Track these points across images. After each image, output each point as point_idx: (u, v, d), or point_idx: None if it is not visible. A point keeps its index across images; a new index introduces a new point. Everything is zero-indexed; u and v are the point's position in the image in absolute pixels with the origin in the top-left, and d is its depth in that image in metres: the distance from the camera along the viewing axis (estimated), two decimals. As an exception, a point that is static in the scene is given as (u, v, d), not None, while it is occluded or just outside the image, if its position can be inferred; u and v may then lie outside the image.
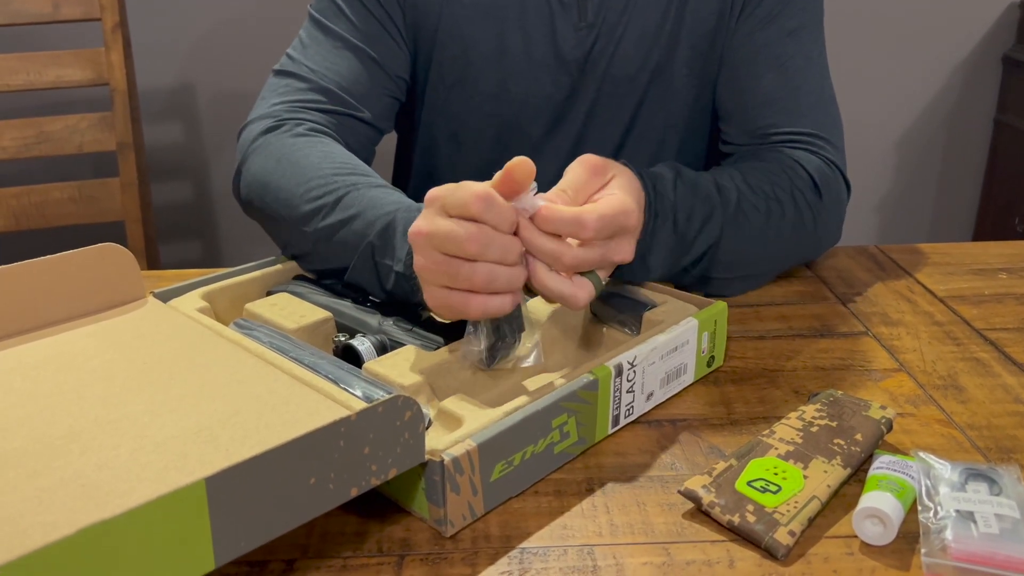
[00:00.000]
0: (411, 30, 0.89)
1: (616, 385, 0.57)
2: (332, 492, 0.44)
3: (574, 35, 0.87)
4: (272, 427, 0.48)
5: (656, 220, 0.69)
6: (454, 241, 0.53)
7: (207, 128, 2.02)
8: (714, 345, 0.66)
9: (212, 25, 1.94)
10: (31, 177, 1.48)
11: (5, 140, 1.35)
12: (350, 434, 0.44)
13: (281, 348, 0.59)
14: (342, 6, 0.87)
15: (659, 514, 0.51)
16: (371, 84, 0.86)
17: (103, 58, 1.37)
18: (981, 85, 2.12)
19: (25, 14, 1.35)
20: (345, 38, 0.86)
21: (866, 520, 0.49)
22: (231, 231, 2.12)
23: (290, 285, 0.71)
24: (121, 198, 1.39)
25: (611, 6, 0.86)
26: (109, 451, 0.47)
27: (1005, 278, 0.85)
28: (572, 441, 0.56)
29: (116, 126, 1.38)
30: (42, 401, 0.53)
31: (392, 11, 0.87)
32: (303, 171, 0.74)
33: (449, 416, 0.53)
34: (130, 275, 0.67)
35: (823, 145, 0.84)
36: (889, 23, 2.05)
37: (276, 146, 0.78)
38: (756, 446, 0.55)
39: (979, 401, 0.63)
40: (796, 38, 0.87)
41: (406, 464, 0.47)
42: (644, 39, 0.87)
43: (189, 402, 0.52)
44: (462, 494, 0.49)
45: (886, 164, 2.18)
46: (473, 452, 0.49)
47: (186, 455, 0.46)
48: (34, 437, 0.49)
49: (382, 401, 0.45)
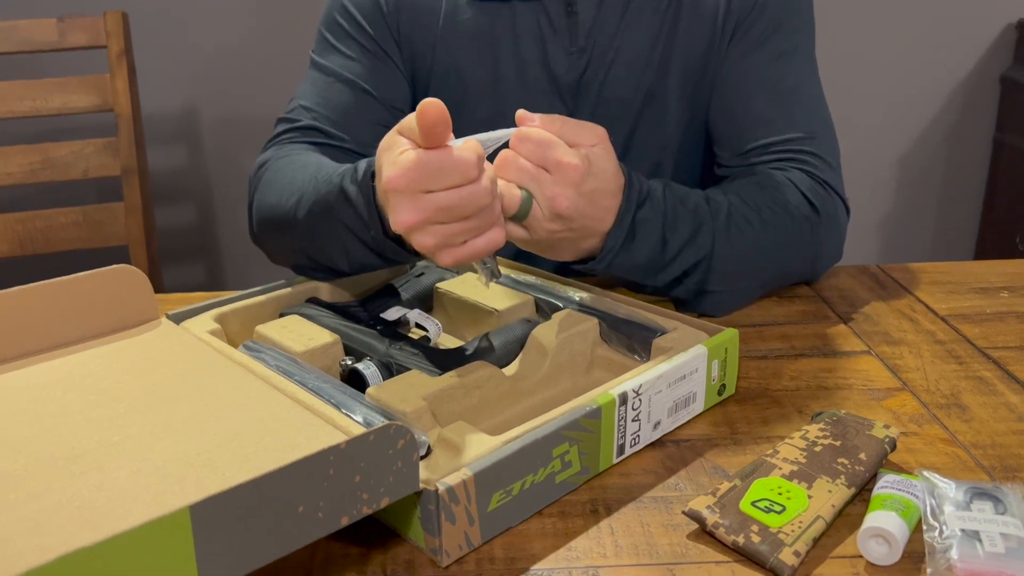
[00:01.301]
0: (408, 63, 0.92)
1: (620, 414, 0.57)
2: (322, 520, 0.43)
3: (566, 59, 0.88)
4: (270, 451, 0.48)
5: (640, 209, 0.71)
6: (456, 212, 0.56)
7: (210, 153, 2.04)
8: (725, 373, 0.65)
9: (215, 51, 1.96)
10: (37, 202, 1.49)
11: (11, 166, 1.36)
12: (340, 462, 0.43)
13: (287, 371, 0.59)
14: (336, 44, 0.92)
15: (663, 535, 0.51)
16: (360, 113, 0.89)
17: (108, 85, 1.38)
18: (980, 105, 2.13)
19: (32, 42, 1.36)
20: (338, 72, 0.90)
21: (871, 540, 0.49)
22: (234, 255, 2.12)
23: (302, 307, 0.72)
24: (125, 222, 1.40)
25: (602, 31, 0.87)
26: (109, 473, 0.47)
27: (1007, 296, 0.85)
28: (575, 471, 0.55)
29: (121, 151, 1.39)
30: (48, 421, 0.53)
31: (387, 46, 0.91)
32: (283, 181, 0.79)
33: (448, 444, 0.52)
34: (144, 297, 0.68)
35: (817, 164, 0.85)
36: (887, 44, 2.07)
37: (266, 179, 0.83)
38: (760, 466, 0.55)
39: (983, 420, 0.63)
40: (787, 60, 0.87)
41: (399, 493, 0.47)
42: (636, 63, 0.88)
43: (191, 424, 0.52)
44: (458, 524, 0.49)
45: (887, 184, 2.18)
46: (469, 482, 0.48)
47: (183, 479, 0.46)
48: (37, 457, 0.49)
49: (374, 429, 0.44)
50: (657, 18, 0.87)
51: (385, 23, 0.90)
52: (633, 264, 0.73)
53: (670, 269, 0.74)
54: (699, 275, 0.75)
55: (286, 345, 0.64)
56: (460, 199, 0.56)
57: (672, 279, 0.75)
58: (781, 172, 0.83)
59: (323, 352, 0.65)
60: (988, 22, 2.07)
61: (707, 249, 0.74)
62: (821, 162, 0.85)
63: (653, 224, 0.72)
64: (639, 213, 0.71)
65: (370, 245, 0.69)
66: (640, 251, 0.72)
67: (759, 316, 0.81)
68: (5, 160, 1.36)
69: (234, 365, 0.60)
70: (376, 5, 0.90)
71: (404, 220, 0.57)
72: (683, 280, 0.76)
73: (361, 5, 0.91)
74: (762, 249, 0.78)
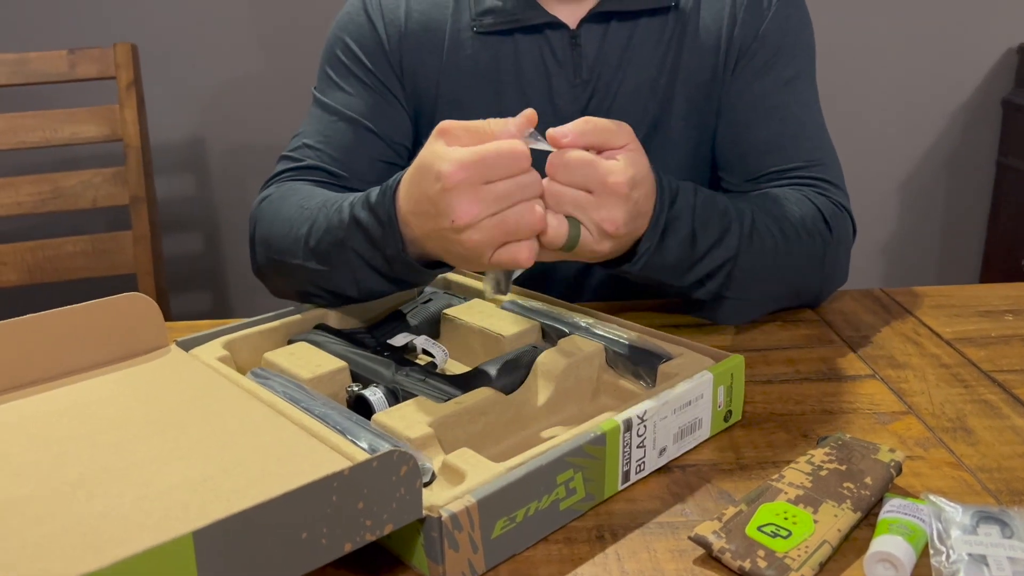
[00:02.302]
0: (412, 99, 0.92)
1: (625, 440, 0.56)
2: (325, 547, 0.43)
3: (570, 91, 0.89)
4: (275, 478, 0.49)
5: (672, 208, 0.69)
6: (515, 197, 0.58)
7: (218, 182, 2.06)
8: (731, 399, 0.65)
9: (223, 82, 1.98)
10: (46, 231, 1.50)
11: (21, 195, 1.38)
12: (343, 489, 0.43)
13: (294, 398, 0.60)
14: (338, 81, 0.92)
15: (670, 560, 0.51)
16: (361, 151, 0.90)
17: (117, 115, 1.40)
18: (982, 128, 2.14)
19: (42, 74, 1.38)
20: (339, 111, 0.91)
21: (878, 564, 0.48)
22: (241, 283, 2.13)
23: (309, 334, 0.72)
24: (133, 251, 1.42)
25: (606, 63, 0.88)
26: (114, 499, 0.47)
27: (1011, 320, 0.85)
28: (579, 498, 0.55)
29: (129, 181, 1.41)
30: (56, 448, 0.54)
31: (390, 83, 0.91)
32: (287, 215, 0.80)
33: (452, 470, 0.52)
34: (153, 324, 0.68)
35: (828, 187, 0.86)
36: (890, 68, 2.08)
37: (267, 210, 0.84)
38: (766, 491, 0.55)
39: (989, 443, 0.63)
40: (792, 87, 0.89)
41: (403, 520, 0.46)
42: (639, 94, 0.89)
43: (197, 451, 0.52)
44: (461, 551, 0.48)
45: (890, 207, 2.19)
46: (472, 508, 0.48)
47: (188, 505, 0.46)
48: (44, 483, 0.49)
49: (377, 456, 0.45)
50: (660, 49, 0.89)
51: (387, 59, 0.91)
52: (664, 263, 0.71)
53: (697, 269, 0.74)
54: (722, 278, 0.75)
55: (293, 372, 0.65)
56: (519, 187, 0.58)
57: (696, 280, 0.75)
58: (797, 190, 0.85)
59: (330, 379, 0.65)
60: (989, 46, 2.08)
61: (732, 251, 0.74)
62: (832, 186, 0.87)
63: (683, 222, 0.70)
64: (671, 211, 0.69)
65: (381, 270, 0.69)
66: (671, 250, 0.71)
67: (763, 340, 0.81)
68: (15, 190, 1.38)
69: (241, 392, 0.61)
70: (377, 41, 0.91)
71: (467, 212, 0.57)
72: (706, 282, 0.75)
73: (362, 41, 0.91)
74: (780, 261, 0.78)
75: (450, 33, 0.90)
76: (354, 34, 0.92)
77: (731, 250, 0.74)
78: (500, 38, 0.89)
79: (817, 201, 0.84)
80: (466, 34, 0.90)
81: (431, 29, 0.91)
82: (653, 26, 0.89)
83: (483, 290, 0.65)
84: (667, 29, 0.89)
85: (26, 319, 0.63)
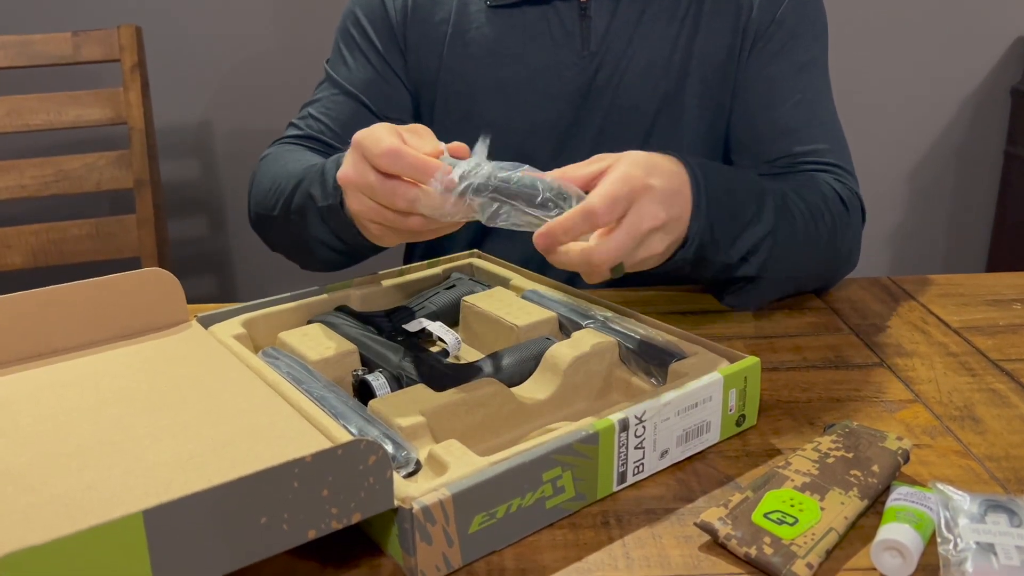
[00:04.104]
0: (413, 72, 0.94)
1: (621, 440, 0.54)
2: (287, 533, 0.43)
3: (577, 63, 0.89)
4: (261, 459, 0.49)
5: (707, 189, 0.67)
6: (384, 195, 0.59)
7: (222, 165, 2.05)
8: (744, 404, 0.62)
9: (228, 65, 1.97)
10: (50, 214, 1.50)
11: (25, 178, 1.38)
12: (305, 475, 0.43)
13: (297, 379, 0.60)
14: (345, 55, 0.96)
15: (675, 547, 0.51)
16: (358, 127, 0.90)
17: (122, 98, 1.39)
18: (990, 118, 2.12)
19: (46, 56, 1.38)
20: (342, 85, 0.94)
21: (885, 552, 0.48)
22: (246, 266, 2.13)
23: (328, 315, 0.72)
24: (138, 234, 1.41)
25: (616, 37, 0.88)
26: (103, 472, 0.48)
27: (1020, 308, 0.85)
28: (568, 496, 0.53)
29: (133, 164, 1.40)
30: (62, 418, 0.54)
31: (392, 58, 0.93)
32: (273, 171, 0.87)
33: (436, 462, 0.51)
34: (175, 300, 0.69)
35: (842, 173, 0.87)
36: (897, 57, 2.06)
37: (260, 168, 0.91)
38: (772, 478, 0.54)
39: (996, 432, 0.63)
40: (807, 71, 0.89)
41: (372, 509, 0.46)
42: (651, 70, 0.88)
43: (191, 428, 0.53)
44: (435, 544, 0.47)
45: (898, 196, 2.18)
46: (447, 502, 0.47)
47: (170, 483, 0.47)
48: (42, 452, 0.50)
49: (342, 444, 0.44)
50: (675, 26, 0.88)
51: (392, 33, 0.93)
52: (712, 239, 0.69)
53: (741, 242, 0.72)
54: (765, 252, 0.74)
55: (302, 352, 0.65)
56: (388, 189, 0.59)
57: (741, 256, 0.73)
58: (813, 174, 0.86)
59: (337, 361, 0.65)
60: (998, 35, 2.06)
61: (771, 224, 0.74)
62: (845, 172, 0.88)
63: (720, 189, 0.68)
64: (705, 180, 0.67)
65: (325, 217, 0.75)
66: (718, 219, 0.68)
67: (770, 328, 0.80)
68: (19, 173, 1.37)
69: (247, 371, 0.61)
70: (385, 16, 0.93)
71: (345, 174, 0.62)
72: (749, 258, 0.74)
73: (371, 16, 0.94)
74: (808, 238, 0.78)
75: (456, 7, 0.91)
76: (365, 7, 0.95)
77: (769, 223, 0.74)
78: (507, 11, 0.89)
79: (835, 185, 0.84)
80: (474, 7, 0.90)
81: (439, 2, 0.92)
82: (666, 3, 0.89)
83: None
84: (681, 7, 0.89)
85: (48, 290, 0.63)
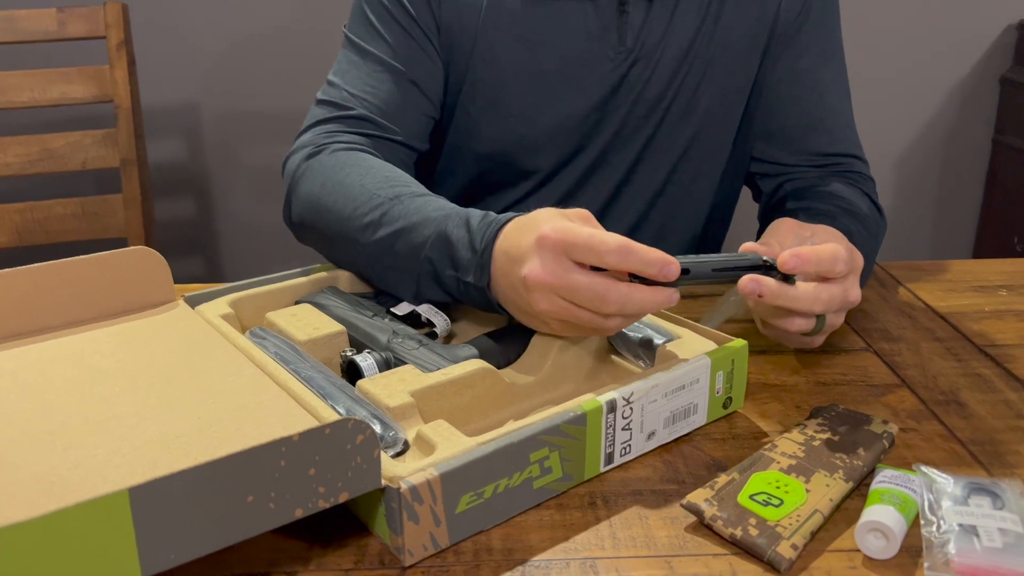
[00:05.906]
0: (446, 51, 0.88)
1: (609, 421, 0.55)
2: (274, 512, 0.43)
3: (613, 59, 0.87)
4: (248, 438, 0.48)
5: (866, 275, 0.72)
6: (590, 299, 0.55)
7: (210, 145, 2.03)
8: (731, 386, 0.62)
9: (216, 44, 1.95)
10: (35, 193, 1.48)
11: (9, 156, 1.36)
12: (292, 454, 0.43)
13: (285, 359, 0.59)
14: (379, 28, 0.87)
15: (661, 527, 0.51)
16: (408, 105, 0.87)
17: (107, 75, 1.38)
18: (979, 105, 2.13)
19: (31, 32, 1.36)
20: (383, 60, 0.86)
21: (869, 534, 0.49)
22: (233, 248, 2.12)
23: (316, 296, 0.72)
24: (124, 214, 1.40)
25: (651, 31, 0.86)
26: (88, 450, 0.48)
27: (1005, 295, 0.85)
28: (555, 477, 0.53)
29: (119, 143, 1.39)
30: (48, 396, 0.54)
31: (429, 31, 0.87)
32: (348, 190, 0.75)
33: (424, 442, 0.51)
34: (162, 279, 0.69)
35: (871, 186, 0.89)
36: (887, 44, 2.07)
37: (319, 169, 0.79)
38: (758, 460, 0.55)
39: (981, 417, 0.63)
40: (832, 64, 0.91)
41: (359, 488, 0.46)
42: (676, 61, 0.87)
43: (177, 407, 0.52)
44: (422, 524, 0.48)
45: (886, 183, 2.18)
46: (435, 481, 0.47)
47: (156, 462, 0.46)
48: (27, 430, 0.50)
49: (329, 423, 0.44)
50: (700, 15, 0.87)
51: (429, 7, 0.86)
52: None
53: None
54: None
55: (290, 333, 0.64)
56: (597, 295, 0.56)
57: None
58: (859, 185, 0.88)
59: (326, 342, 0.64)
60: (988, 23, 2.07)
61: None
62: (871, 181, 0.90)
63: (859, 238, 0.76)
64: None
65: (449, 289, 0.67)
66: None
67: (758, 312, 0.81)
68: (3, 150, 1.36)
69: (234, 350, 0.61)
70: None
71: (538, 275, 0.57)
72: None
73: None
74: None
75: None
76: None
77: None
78: (545, 2, 0.86)
79: (874, 196, 0.88)
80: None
81: None
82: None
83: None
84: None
85: (34, 268, 0.63)
